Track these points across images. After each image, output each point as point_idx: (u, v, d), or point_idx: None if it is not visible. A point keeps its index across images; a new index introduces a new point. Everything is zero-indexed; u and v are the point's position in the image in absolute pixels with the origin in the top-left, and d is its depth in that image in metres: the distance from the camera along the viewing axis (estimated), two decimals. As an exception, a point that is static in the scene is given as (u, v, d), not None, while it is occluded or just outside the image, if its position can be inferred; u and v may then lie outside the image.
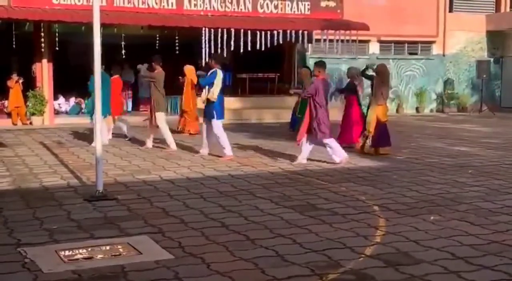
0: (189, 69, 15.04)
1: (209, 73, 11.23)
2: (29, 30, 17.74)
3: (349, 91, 13.11)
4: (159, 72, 12.27)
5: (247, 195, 7.93)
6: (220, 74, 10.99)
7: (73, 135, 14.76)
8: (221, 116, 11.09)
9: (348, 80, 13.48)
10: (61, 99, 19.45)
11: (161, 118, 12.18)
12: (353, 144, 12.41)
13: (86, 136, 14.33)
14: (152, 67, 12.48)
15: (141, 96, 20.26)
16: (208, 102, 10.95)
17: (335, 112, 15.58)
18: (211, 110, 10.95)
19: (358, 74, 13.08)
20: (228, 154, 10.99)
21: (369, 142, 11.66)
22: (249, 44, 17.98)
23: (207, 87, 11.01)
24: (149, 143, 12.45)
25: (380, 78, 11.60)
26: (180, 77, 15.09)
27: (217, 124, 10.96)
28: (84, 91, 14.68)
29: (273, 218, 6.72)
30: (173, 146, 12.11)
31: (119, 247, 5.60)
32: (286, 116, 18.96)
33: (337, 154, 10.48)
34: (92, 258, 5.29)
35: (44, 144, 13.11)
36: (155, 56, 12.48)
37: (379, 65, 12.12)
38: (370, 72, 12.34)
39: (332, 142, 10.46)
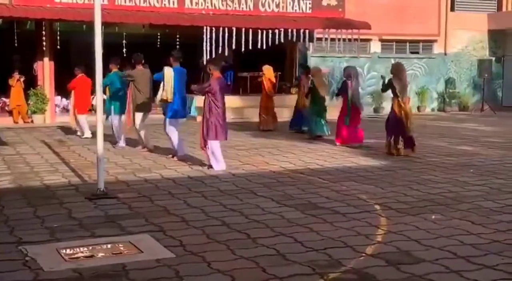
0: (268, 69, 15.89)
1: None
2: (30, 28, 17.75)
3: (345, 91, 12.73)
4: (139, 70, 11.77)
5: (248, 194, 7.93)
6: (168, 72, 10.45)
7: (74, 133, 14.73)
8: (175, 115, 10.63)
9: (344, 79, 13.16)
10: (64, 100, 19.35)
11: (138, 118, 11.70)
12: (361, 144, 12.46)
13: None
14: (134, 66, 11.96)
15: None
16: (165, 101, 10.60)
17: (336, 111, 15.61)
18: (167, 108, 10.66)
19: (355, 74, 12.90)
20: (180, 154, 10.72)
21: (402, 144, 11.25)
22: (251, 43, 17.97)
23: (162, 85, 10.53)
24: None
25: (398, 76, 11.43)
26: (259, 77, 16.13)
27: (170, 122, 10.63)
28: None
29: (274, 216, 6.72)
30: (148, 145, 11.84)
31: (120, 245, 5.60)
32: (287, 115, 18.95)
33: (217, 160, 9.70)
34: (93, 256, 5.29)
35: (45, 143, 13.11)
36: (135, 55, 11.94)
37: (395, 64, 11.86)
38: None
39: (217, 147, 9.70)
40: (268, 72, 16.00)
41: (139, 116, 11.71)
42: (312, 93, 14.15)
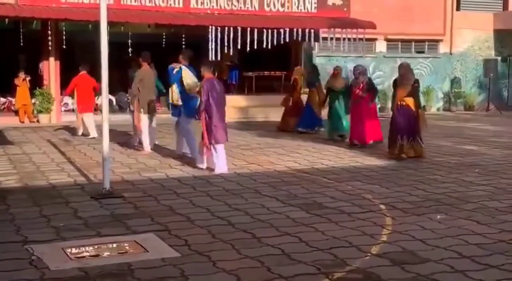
0: (298, 70, 16.09)
1: (174, 70, 10.59)
2: (36, 28, 17.77)
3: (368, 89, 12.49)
4: (143, 69, 11.67)
5: (253, 194, 7.94)
6: (185, 71, 10.40)
7: (76, 133, 14.77)
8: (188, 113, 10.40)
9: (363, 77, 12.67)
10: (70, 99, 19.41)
11: (144, 120, 11.55)
12: (366, 144, 12.33)
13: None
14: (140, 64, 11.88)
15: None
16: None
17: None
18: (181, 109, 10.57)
19: (363, 72, 12.67)
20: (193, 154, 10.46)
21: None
22: (256, 42, 17.96)
23: (174, 86, 10.50)
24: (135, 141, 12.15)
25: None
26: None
27: (186, 121, 10.50)
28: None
29: (279, 216, 6.73)
30: (147, 148, 11.49)
31: (125, 244, 5.62)
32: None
33: (223, 162, 9.53)
34: (98, 255, 5.31)
35: (51, 142, 13.15)
36: (143, 53, 11.89)
37: (402, 65, 11.27)
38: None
39: (221, 149, 9.52)
40: (297, 74, 15.96)
41: (145, 117, 11.55)
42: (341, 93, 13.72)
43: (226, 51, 17.87)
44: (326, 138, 13.73)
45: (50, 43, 16.89)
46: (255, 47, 17.94)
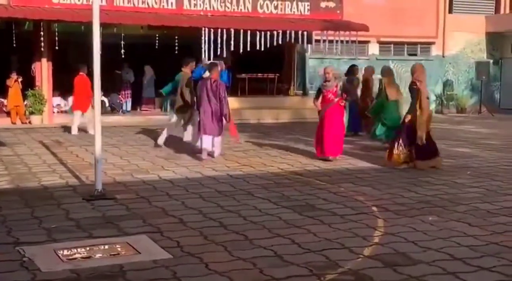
0: (369, 70, 15.90)
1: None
2: (28, 29, 17.73)
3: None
4: (181, 73, 12.42)
5: (246, 195, 7.94)
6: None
7: (72, 134, 14.76)
8: None
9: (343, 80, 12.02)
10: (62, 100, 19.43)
11: (174, 118, 12.60)
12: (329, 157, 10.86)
13: (85, 135, 14.38)
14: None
15: (144, 96, 20.34)
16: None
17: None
18: None
19: (337, 75, 11.29)
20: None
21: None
22: (249, 44, 17.97)
23: None
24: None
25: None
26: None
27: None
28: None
29: (271, 218, 6.73)
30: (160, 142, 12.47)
31: (117, 246, 5.60)
32: (285, 117, 19.02)
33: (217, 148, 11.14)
34: (90, 257, 5.29)
35: (43, 143, 13.11)
36: (184, 59, 12.64)
37: (417, 65, 10.43)
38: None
39: (218, 139, 11.17)
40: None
41: (173, 115, 12.61)
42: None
43: (219, 53, 17.87)
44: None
45: (42, 44, 16.86)
46: (248, 49, 17.95)
